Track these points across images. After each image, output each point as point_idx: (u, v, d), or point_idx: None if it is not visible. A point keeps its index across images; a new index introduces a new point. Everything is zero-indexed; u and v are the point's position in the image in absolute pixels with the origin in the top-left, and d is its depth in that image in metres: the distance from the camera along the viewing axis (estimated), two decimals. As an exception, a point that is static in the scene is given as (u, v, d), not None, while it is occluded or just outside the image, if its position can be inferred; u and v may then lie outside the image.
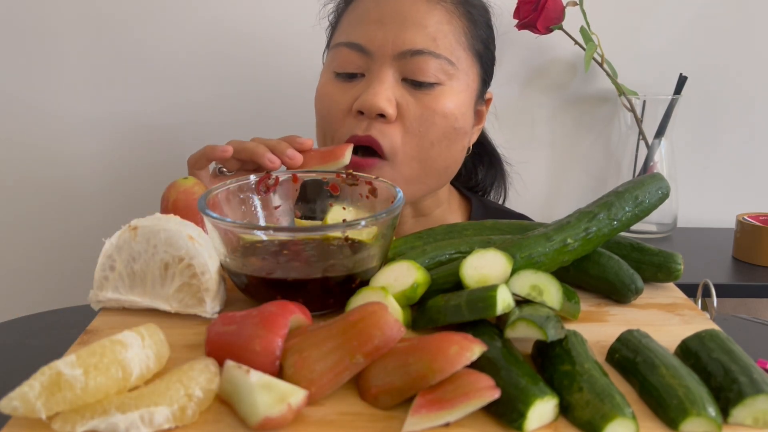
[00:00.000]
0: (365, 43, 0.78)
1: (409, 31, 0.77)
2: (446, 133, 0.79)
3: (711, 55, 1.28)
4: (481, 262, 0.53)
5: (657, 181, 0.61)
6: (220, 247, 0.54)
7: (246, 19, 1.20)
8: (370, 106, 0.75)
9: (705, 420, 0.39)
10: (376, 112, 0.76)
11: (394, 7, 0.78)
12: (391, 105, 0.76)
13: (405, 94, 0.78)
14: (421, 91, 0.78)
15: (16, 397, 0.38)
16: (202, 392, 0.41)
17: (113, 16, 1.17)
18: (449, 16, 0.79)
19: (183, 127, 1.23)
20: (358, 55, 0.78)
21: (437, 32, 0.78)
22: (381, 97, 0.75)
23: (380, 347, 0.43)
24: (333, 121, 0.80)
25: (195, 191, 0.66)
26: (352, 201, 0.64)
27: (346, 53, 0.79)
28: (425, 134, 0.78)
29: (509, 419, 0.40)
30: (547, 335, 0.44)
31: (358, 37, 0.78)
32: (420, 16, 0.77)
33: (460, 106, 0.80)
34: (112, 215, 1.24)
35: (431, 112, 0.77)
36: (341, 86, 0.80)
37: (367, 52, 0.78)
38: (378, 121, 0.77)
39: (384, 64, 0.77)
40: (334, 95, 0.80)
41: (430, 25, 0.78)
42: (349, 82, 0.80)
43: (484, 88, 0.86)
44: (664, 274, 0.60)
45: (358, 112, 0.77)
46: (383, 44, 0.77)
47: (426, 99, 0.77)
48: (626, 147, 1.28)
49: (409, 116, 0.77)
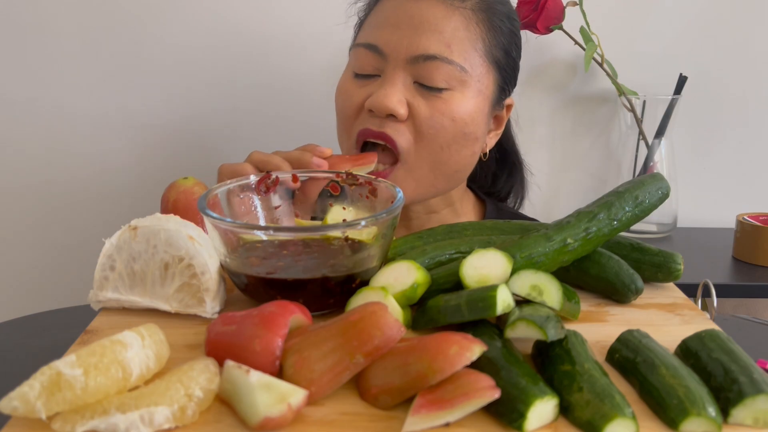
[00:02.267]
0: (381, 46, 0.80)
1: (423, 36, 0.78)
2: (456, 137, 0.80)
3: (711, 55, 1.28)
4: (481, 262, 0.53)
5: (657, 181, 0.61)
6: (220, 247, 0.54)
7: (251, 18, 1.20)
8: (380, 105, 0.77)
9: (705, 420, 0.39)
10: (386, 112, 0.78)
11: (411, 11, 0.80)
12: (402, 105, 0.78)
13: (416, 96, 0.79)
14: (432, 95, 0.79)
15: (16, 397, 0.38)
16: (202, 392, 0.41)
17: (116, 15, 1.17)
18: (467, 22, 0.80)
19: (183, 127, 1.23)
20: (374, 57, 0.81)
21: (452, 38, 0.79)
22: (391, 98, 0.77)
23: (380, 347, 0.43)
24: (348, 116, 0.83)
25: (195, 191, 0.66)
26: (352, 201, 0.64)
27: (363, 54, 0.82)
28: (435, 137, 0.79)
29: (509, 419, 0.40)
30: (547, 335, 0.44)
31: (376, 39, 0.81)
32: (436, 22, 0.79)
33: (471, 112, 0.81)
34: (112, 215, 1.24)
35: (440, 116, 0.78)
36: (358, 84, 0.83)
37: (383, 54, 0.80)
38: (390, 120, 0.79)
39: (397, 66, 0.79)
40: (350, 92, 0.83)
41: (446, 31, 0.79)
42: (366, 81, 0.82)
43: (503, 94, 0.86)
44: (664, 274, 0.60)
45: (369, 110, 0.80)
46: (398, 48, 0.79)
47: (436, 103, 0.79)
48: (626, 147, 1.28)
49: (419, 117, 0.79)
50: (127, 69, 1.20)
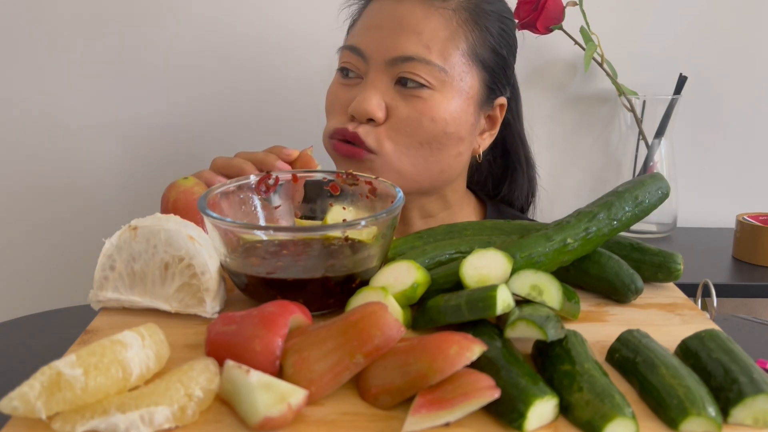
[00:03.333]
0: (363, 48, 0.81)
1: (402, 37, 0.79)
2: (436, 137, 0.80)
3: (711, 55, 1.28)
4: (481, 262, 0.53)
5: (657, 181, 0.61)
6: (220, 247, 0.54)
7: (250, 20, 1.20)
8: (360, 110, 0.79)
9: (705, 420, 0.39)
10: (365, 117, 0.79)
11: (392, 13, 0.81)
12: (381, 109, 0.79)
13: (396, 97, 0.80)
14: (412, 96, 0.79)
15: (16, 397, 0.38)
16: (202, 392, 0.41)
17: (115, 19, 1.17)
18: (447, 22, 0.80)
19: (183, 128, 1.23)
20: (357, 59, 0.82)
21: (432, 39, 0.79)
22: (370, 102, 0.78)
23: (380, 347, 0.43)
24: (332, 117, 0.84)
25: (195, 191, 0.66)
26: (352, 201, 0.64)
27: (347, 56, 0.83)
28: (413, 134, 0.80)
29: (509, 419, 0.40)
30: (547, 335, 0.44)
31: (358, 41, 0.82)
32: (415, 23, 0.79)
33: (453, 112, 0.80)
34: (112, 215, 1.24)
35: (419, 115, 0.79)
36: (344, 86, 0.84)
37: (364, 56, 0.81)
38: (367, 124, 0.80)
39: (378, 68, 0.80)
40: (336, 93, 0.84)
41: (425, 32, 0.79)
42: (350, 82, 0.84)
43: (492, 94, 0.85)
44: (664, 274, 0.60)
45: (351, 116, 0.81)
46: (377, 49, 0.80)
47: (416, 103, 0.79)
48: (626, 147, 1.28)
49: (396, 116, 0.79)
50: (128, 72, 1.20)
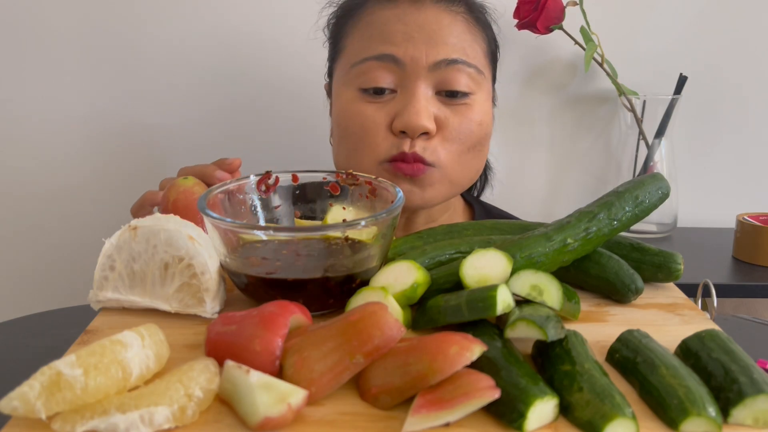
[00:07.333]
0: (400, 56, 0.77)
1: (441, 42, 0.78)
2: (480, 139, 0.81)
3: (711, 55, 1.27)
4: (481, 262, 0.53)
5: (657, 181, 0.61)
6: (220, 247, 0.54)
7: (240, 20, 1.20)
8: (414, 126, 0.75)
9: (705, 420, 0.39)
10: (419, 132, 0.76)
11: (418, 20, 0.78)
12: (432, 121, 0.77)
13: (442, 107, 0.78)
14: (457, 102, 0.79)
15: (16, 397, 0.38)
16: (202, 392, 0.41)
17: (111, 18, 1.17)
18: (468, 25, 0.81)
19: (183, 127, 1.23)
20: (391, 69, 0.78)
21: (464, 42, 0.79)
22: (423, 116, 0.75)
23: (380, 347, 0.43)
24: (371, 140, 0.79)
25: (195, 191, 0.66)
26: (352, 201, 0.64)
27: (376, 67, 0.78)
28: (465, 141, 0.79)
29: (509, 419, 0.40)
30: (547, 335, 0.44)
31: (390, 50, 0.77)
32: (446, 28, 0.78)
33: (488, 113, 0.82)
34: (111, 215, 1.24)
35: (468, 122, 0.79)
36: (373, 103, 0.79)
37: (401, 65, 0.77)
38: (420, 138, 0.77)
39: (418, 77, 0.77)
40: (367, 113, 0.78)
41: (457, 36, 0.79)
42: (380, 97, 0.79)
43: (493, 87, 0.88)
44: (664, 274, 0.60)
45: (400, 131, 0.77)
46: (417, 56, 0.77)
47: (462, 109, 0.79)
48: (626, 147, 1.28)
49: (448, 127, 0.78)
50: (126, 70, 1.20)
